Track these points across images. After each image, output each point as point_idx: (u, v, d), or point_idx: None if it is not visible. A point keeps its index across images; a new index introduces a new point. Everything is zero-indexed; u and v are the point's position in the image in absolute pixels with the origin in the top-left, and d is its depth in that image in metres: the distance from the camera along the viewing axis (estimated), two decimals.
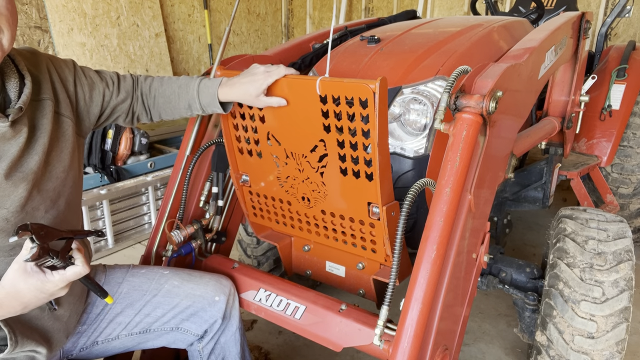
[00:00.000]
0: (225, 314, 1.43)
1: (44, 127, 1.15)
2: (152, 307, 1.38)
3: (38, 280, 0.95)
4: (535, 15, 2.67)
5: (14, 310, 0.99)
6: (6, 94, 1.10)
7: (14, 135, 1.07)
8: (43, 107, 1.17)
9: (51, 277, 0.96)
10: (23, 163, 1.09)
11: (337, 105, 1.18)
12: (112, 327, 1.36)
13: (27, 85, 1.12)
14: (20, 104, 1.08)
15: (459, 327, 1.28)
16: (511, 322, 2.35)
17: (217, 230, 1.75)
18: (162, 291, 1.39)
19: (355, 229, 1.37)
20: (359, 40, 1.85)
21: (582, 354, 1.51)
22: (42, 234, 0.94)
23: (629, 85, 2.75)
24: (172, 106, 1.42)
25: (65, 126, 1.22)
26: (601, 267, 1.53)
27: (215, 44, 5.52)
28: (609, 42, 4.15)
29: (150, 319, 1.38)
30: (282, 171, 1.43)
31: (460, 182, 1.10)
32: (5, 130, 1.05)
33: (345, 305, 1.39)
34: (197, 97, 1.37)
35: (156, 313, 1.38)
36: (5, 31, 1.00)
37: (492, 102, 1.11)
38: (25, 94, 1.10)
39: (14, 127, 1.07)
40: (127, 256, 3.04)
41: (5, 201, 1.06)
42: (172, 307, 1.38)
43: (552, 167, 2.30)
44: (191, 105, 1.39)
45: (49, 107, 1.18)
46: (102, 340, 1.35)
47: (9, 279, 0.96)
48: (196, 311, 1.40)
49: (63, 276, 0.97)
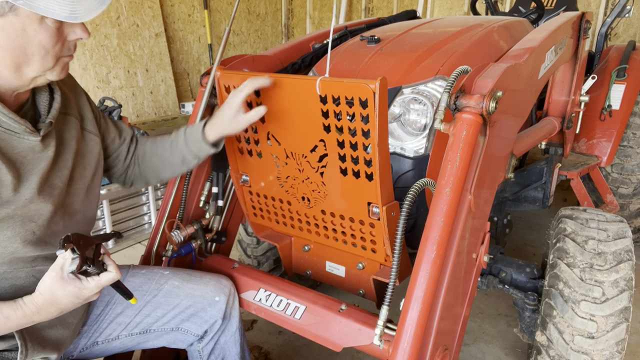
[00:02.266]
0: (225, 314, 1.43)
1: (70, 142, 1.18)
2: (152, 308, 1.38)
3: (75, 287, 1.00)
4: (535, 15, 2.67)
5: (50, 315, 1.04)
6: (36, 107, 1.12)
7: (44, 149, 1.09)
8: (69, 122, 1.20)
9: (87, 284, 1.02)
10: (51, 177, 1.11)
11: (337, 105, 1.18)
12: (113, 327, 1.36)
13: (57, 99, 1.14)
14: (51, 118, 1.11)
15: (459, 327, 1.28)
16: (511, 322, 2.35)
17: (217, 230, 1.75)
18: (162, 291, 1.39)
19: (355, 229, 1.37)
20: (359, 40, 1.85)
21: (582, 354, 1.51)
22: (80, 243, 0.99)
23: (629, 85, 2.75)
24: (167, 164, 1.43)
25: (92, 143, 1.25)
26: (601, 267, 1.53)
27: (215, 44, 5.52)
28: (609, 42, 4.15)
29: (150, 319, 1.38)
30: (282, 171, 1.43)
31: (460, 182, 1.10)
32: (36, 144, 1.07)
33: (345, 305, 1.39)
34: (186, 147, 1.38)
35: (156, 313, 1.38)
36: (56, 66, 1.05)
37: (492, 102, 1.11)
38: (54, 108, 1.12)
39: (43, 140, 1.09)
40: (127, 256, 3.04)
41: (35, 215, 1.07)
42: (172, 308, 1.38)
43: (552, 167, 2.30)
44: (185, 157, 1.40)
45: (74, 123, 1.21)
46: (102, 340, 1.35)
47: (47, 286, 1.00)
48: (196, 311, 1.40)
49: (98, 282, 1.03)
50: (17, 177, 1.03)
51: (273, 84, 1.27)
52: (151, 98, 4.80)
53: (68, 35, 1.02)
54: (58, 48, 1.01)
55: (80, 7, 0.94)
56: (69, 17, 0.93)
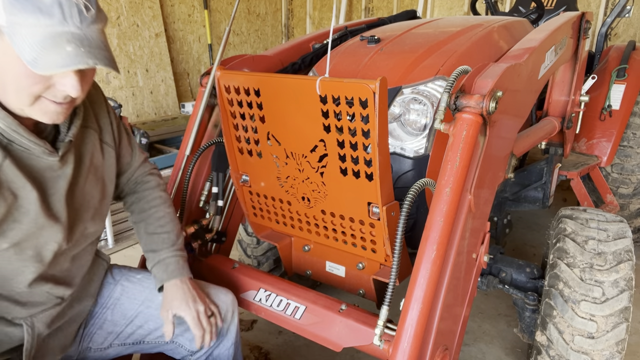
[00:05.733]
0: (222, 331, 1.38)
1: (88, 156, 1.16)
2: (144, 319, 1.34)
3: None
4: (535, 15, 2.67)
5: None
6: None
7: (62, 167, 1.08)
8: (88, 134, 1.17)
9: None
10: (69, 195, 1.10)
11: (337, 105, 1.18)
12: (103, 335, 1.33)
13: (79, 114, 1.11)
14: (70, 136, 1.08)
15: (459, 327, 1.28)
16: (511, 322, 2.35)
17: (217, 230, 1.75)
18: (156, 303, 1.34)
19: (355, 229, 1.37)
20: (359, 40, 1.85)
21: (582, 354, 1.51)
22: None
23: (629, 85, 2.75)
24: (140, 234, 1.39)
25: (108, 156, 1.23)
26: (601, 267, 1.53)
27: (215, 44, 5.52)
28: (609, 42, 4.15)
29: (142, 331, 1.35)
30: (282, 171, 1.43)
31: (460, 182, 1.10)
32: (54, 163, 1.05)
33: (345, 305, 1.39)
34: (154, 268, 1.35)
35: (148, 326, 1.35)
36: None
37: (492, 102, 1.11)
38: (75, 125, 1.09)
39: (62, 159, 1.07)
40: (127, 256, 3.04)
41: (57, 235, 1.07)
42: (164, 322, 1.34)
43: (552, 167, 2.30)
44: (149, 257, 1.36)
45: (92, 136, 1.18)
46: (95, 347, 1.33)
47: None
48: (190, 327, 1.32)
49: None
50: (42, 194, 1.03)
51: (273, 84, 1.27)
52: (151, 98, 4.80)
53: (56, 83, 0.91)
54: (37, 88, 0.90)
55: (45, 58, 0.84)
56: (30, 62, 0.84)
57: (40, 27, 0.84)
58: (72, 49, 0.85)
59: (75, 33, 0.87)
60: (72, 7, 0.86)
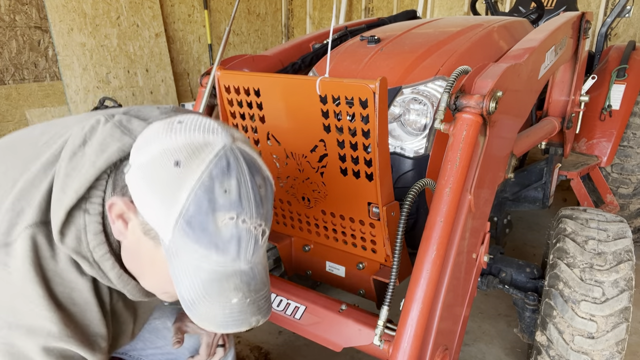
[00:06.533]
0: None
1: None
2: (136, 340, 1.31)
3: None
4: (535, 15, 2.67)
5: None
6: None
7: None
8: None
9: None
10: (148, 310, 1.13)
11: (337, 105, 1.18)
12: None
13: None
14: None
15: (459, 327, 1.28)
16: (511, 322, 2.35)
17: None
18: (151, 327, 1.32)
19: (355, 229, 1.37)
20: (359, 40, 1.85)
21: (582, 354, 1.51)
22: None
23: (629, 85, 2.75)
24: None
25: None
26: (601, 267, 1.53)
27: (215, 44, 5.52)
28: (609, 42, 4.15)
29: (135, 353, 1.35)
30: (282, 171, 1.43)
31: (460, 182, 1.10)
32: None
33: (345, 305, 1.39)
34: None
35: (138, 346, 1.34)
36: None
37: (492, 102, 1.11)
38: None
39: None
40: None
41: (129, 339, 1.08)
42: (155, 347, 1.33)
43: (552, 167, 2.30)
44: None
45: None
46: None
47: None
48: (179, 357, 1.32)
49: None
50: (135, 319, 1.05)
51: (273, 84, 1.27)
52: (151, 98, 4.80)
53: None
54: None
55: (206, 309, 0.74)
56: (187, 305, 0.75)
57: (209, 264, 0.72)
58: (237, 300, 0.74)
59: (244, 271, 0.75)
60: (250, 240, 0.74)
